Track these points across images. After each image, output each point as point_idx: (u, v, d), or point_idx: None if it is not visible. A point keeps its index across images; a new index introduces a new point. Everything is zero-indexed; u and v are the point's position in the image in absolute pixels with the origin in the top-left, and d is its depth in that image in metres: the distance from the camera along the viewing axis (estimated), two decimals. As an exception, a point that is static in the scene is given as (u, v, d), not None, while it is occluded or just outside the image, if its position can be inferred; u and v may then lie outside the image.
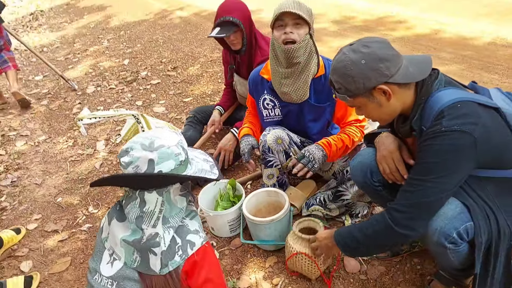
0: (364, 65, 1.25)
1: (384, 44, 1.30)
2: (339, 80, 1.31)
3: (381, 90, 1.27)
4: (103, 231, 1.26)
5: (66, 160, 3.07)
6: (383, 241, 1.36)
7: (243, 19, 2.33)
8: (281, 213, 1.85)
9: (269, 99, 2.04)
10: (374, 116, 1.38)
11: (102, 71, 4.68)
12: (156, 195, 1.15)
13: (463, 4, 5.11)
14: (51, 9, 8.43)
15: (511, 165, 1.35)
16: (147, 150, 1.11)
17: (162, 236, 1.14)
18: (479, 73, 3.33)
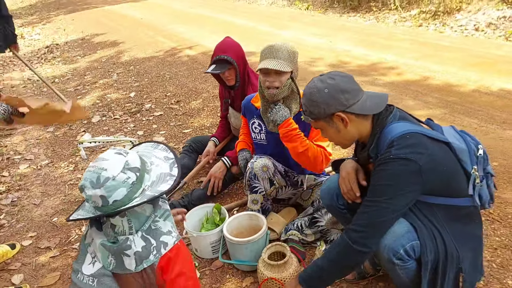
0: (326, 94, 1.45)
1: (347, 79, 1.50)
2: (306, 103, 1.52)
3: (339, 117, 1.46)
4: (87, 237, 1.40)
5: (65, 183, 3.24)
6: (344, 262, 1.48)
7: (237, 58, 2.57)
8: (256, 236, 1.99)
9: (257, 123, 2.25)
10: (333, 139, 1.58)
11: (109, 102, 4.94)
12: (119, 218, 1.28)
13: (455, 55, 5.39)
14: (66, 43, 8.88)
15: (459, 194, 1.51)
16: (95, 188, 1.20)
17: (132, 239, 1.28)
18: (460, 118, 3.52)
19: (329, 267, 1.49)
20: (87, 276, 1.32)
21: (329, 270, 1.49)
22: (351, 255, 1.44)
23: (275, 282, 1.84)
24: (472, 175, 1.53)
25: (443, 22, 7.48)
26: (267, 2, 12.58)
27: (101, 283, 1.30)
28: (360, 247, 1.40)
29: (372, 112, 1.51)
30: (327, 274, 1.51)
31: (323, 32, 7.52)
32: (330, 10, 10.12)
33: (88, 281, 1.32)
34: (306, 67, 5.44)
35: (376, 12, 8.97)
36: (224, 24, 9.13)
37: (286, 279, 1.84)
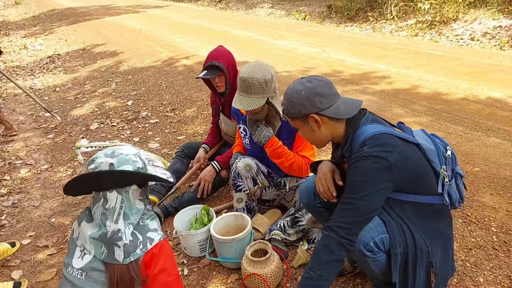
0: (303, 96, 1.57)
1: (324, 83, 1.62)
2: (285, 103, 1.64)
3: (313, 118, 1.58)
4: (74, 232, 1.51)
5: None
6: (333, 260, 1.49)
7: (228, 65, 2.69)
8: (241, 234, 2.10)
9: (243, 128, 2.39)
10: (309, 138, 1.70)
11: (107, 110, 5.07)
12: (115, 194, 1.40)
13: (447, 64, 5.53)
14: (67, 53, 9.06)
15: (428, 192, 1.61)
16: (108, 157, 1.39)
17: (123, 231, 1.39)
18: (446, 125, 3.63)
19: (319, 271, 1.49)
20: (76, 270, 1.42)
21: (320, 276, 1.49)
22: (341, 250, 1.47)
23: (257, 278, 1.95)
24: (441, 175, 1.64)
25: (439, 31, 7.62)
26: (265, 12, 12.79)
27: (89, 277, 1.40)
28: (347, 241, 1.46)
29: (344, 117, 1.62)
30: (318, 283, 1.49)
31: (319, 42, 7.68)
32: (327, 20, 10.31)
33: (77, 274, 1.41)
34: (299, 76, 5.56)
35: (372, 22, 9.14)
36: (222, 34, 9.31)
37: (267, 275, 1.94)
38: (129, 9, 16.29)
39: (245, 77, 2.06)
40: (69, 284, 1.42)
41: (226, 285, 2.10)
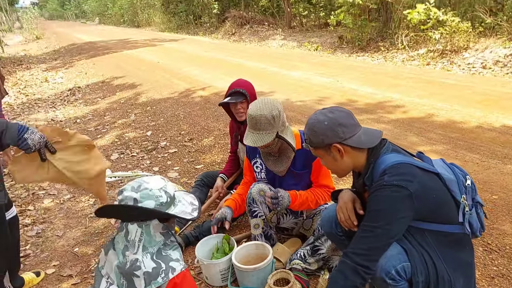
0: (326, 126, 1.64)
1: (345, 114, 1.69)
2: (307, 132, 1.70)
3: (336, 148, 1.64)
4: (100, 261, 1.57)
5: (86, 217, 3.43)
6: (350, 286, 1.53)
7: (250, 94, 2.81)
8: (263, 263, 2.13)
9: (259, 162, 2.44)
10: (331, 167, 1.75)
11: (127, 141, 5.21)
12: (136, 226, 1.46)
13: (460, 92, 5.58)
14: (87, 86, 9.37)
15: (449, 221, 1.64)
16: (134, 191, 1.46)
17: (141, 260, 1.43)
18: (462, 153, 3.65)
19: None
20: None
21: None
22: (356, 277, 1.52)
23: None
24: (461, 204, 1.66)
25: (451, 60, 7.71)
26: (277, 44, 13.10)
27: None
28: (364, 268, 1.51)
29: (366, 146, 1.67)
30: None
31: (331, 72, 7.82)
32: (339, 50, 10.51)
33: None
34: (313, 106, 5.67)
35: (384, 52, 9.29)
36: (236, 66, 9.55)
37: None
38: (146, 43, 16.84)
39: (253, 115, 2.14)
40: None
41: (248, 315, 2.12)
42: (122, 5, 31.70)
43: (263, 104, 2.17)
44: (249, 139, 2.18)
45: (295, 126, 4.75)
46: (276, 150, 2.29)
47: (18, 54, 17.68)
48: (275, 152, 2.31)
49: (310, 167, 2.35)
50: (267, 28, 15.62)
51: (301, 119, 5.08)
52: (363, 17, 10.05)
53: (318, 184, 2.38)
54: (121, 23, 33.09)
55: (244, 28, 16.18)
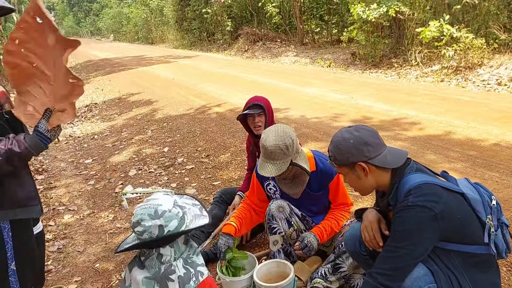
0: (351, 144, 1.66)
1: (372, 133, 1.71)
2: (332, 150, 1.72)
3: (361, 167, 1.66)
4: (126, 280, 1.62)
5: (106, 232, 3.48)
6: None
7: (268, 108, 2.87)
8: (285, 281, 2.13)
9: (272, 184, 2.47)
10: (354, 185, 1.75)
11: (144, 157, 5.28)
12: (169, 248, 1.53)
13: (476, 110, 5.56)
14: (104, 102, 9.54)
15: (475, 242, 1.63)
16: (155, 219, 1.47)
17: (175, 265, 1.51)
18: (481, 171, 3.63)
19: None
20: None
21: None
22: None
23: None
24: (487, 224, 1.66)
25: (465, 77, 7.69)
26: (290, 60, 13.21)
27: None
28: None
29: (391, 166, 1.69)
30: None
31: (345, 89, 7.86)
32: (352, 67, 10.56)
33: None
34: (329, 123, 5.69)
35: (397, 68, 9.31)
36: (250, 82, 9.65)
37: None
38: (160, 60, 17.13)
39: (266, 146, 2.15)
40: None
41: (270, 334, 2.11)
42: (137, 22, 32.37)
43: (277, 133, 2.17)
44: (264, 169, 2.20)
45: (311, 143, 4.77)
46: (291, 175, 2.31)
47: (36, 71, 18.09)
48: (289, 177, 2.32)
49: (326, 188, 2.38)
50: (280, 44, 15.78)
51: (317, 136, 5.10)
52: (376, 34, 10.11)
53: (336, 204, 2.40)
54: (135, 40, 33.75)
55: (257, 45, 16.37)
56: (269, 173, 2.17)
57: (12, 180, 1.84)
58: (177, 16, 23.14)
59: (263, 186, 2.55)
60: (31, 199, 1.91)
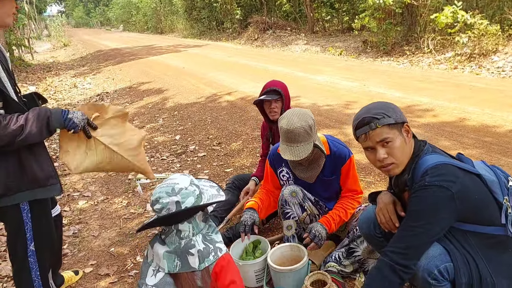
0: (396, 107, 1.65)
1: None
2: (380, 111, 1.60)
3: (406, 128, 1.63)
4: (148, 256, 1.67)
5: (120, 218, 3.52)
6: (387, 284, 1.55)
7: (285, 93, 2.85)
8: (299, 265, 2.14)
9: (285, 171, 2.46)
10: (397, 153, 1.61)
11: (156, 145, 5.31)
12: (187, 224, 1.57)
13: (491, 96, 5.47)
14: (115, 91, 9.59)
15: (491, 223, 1.62)
16: (172, 195, 1.52)
17: (195, 239, 1.55)
18: (497, 157, 3.58)
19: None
20: (151, 286, 1.56)
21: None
22: (393, 276, 1.53)
23: None
24: (504, 205, 1.64)
25: (479, 64, 7.57)
26: (300, 49, 13.11)
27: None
28: (402, 267, 1.52)
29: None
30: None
31: (357, 76, 7.79)
32: (363, 55, 10.45)
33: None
34: (341, 110, 5.66)
35: (409, 56, 9.19)
36: (261, 71, 9.61)
37: None
38: (170, 49, 17.13)
39: (289, 129, 2.10)
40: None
41: (285, 316, 2.13)
42: (146, 12, 32.33)
43: (297, 115, 2.14)
44: (289, 153, 2.14)
45: (323, 130, 4.75)
46: (310, 159, 2.26)
47: (47, 61, 18.27)
48: (306, 162, 2.28)
49: (338, 173, 2.37)
50: (290, 33, 15.66)
51: (329, 123, 5.07)
52: (387, 21, 9.96)
53: (346, 189, 2.39)
54: (145, 30, 33.75)
55: (266, 34, 16.27)
56: (294, 156, 2.11)
57: (31, 160, 1.86)
58: (186, 5, 23.05)
59: (277, 173, 2.55)
60: (51, 177, 1.93)
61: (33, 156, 1.87)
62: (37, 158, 1.89)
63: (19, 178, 1.84)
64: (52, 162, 2.03)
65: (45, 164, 1.92)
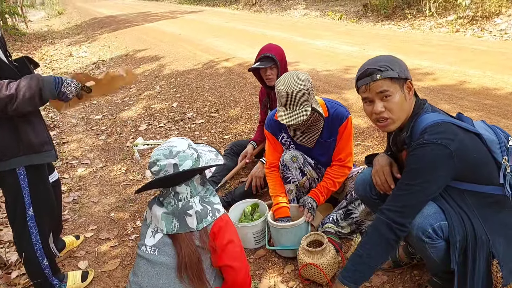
0: (402, 62, 1.60)
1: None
2: (385, 64, 1.56)
3: (409, 85, 1.59)
4: (147, 218, 1.68)
5: (119, 184, 3.53)
6: (383, 241, 1.55)
7: (280, 58, 2.78)
8: (300, 220, 2.16)
9: (286, 137, 2.43)
10: (396, 108, 1.58)
11: (154, 112, 5.28)
12: (184, 186, 1.57)
13: (492, 59, 5.39)
14: (111, 59, 9.44)
15: (489, 182, 1.61)
16: (169, 158, 1.52)
17: (193, 201, 1.55)
18: (496, 119, 3.56)
19: (368, 250, 1.56)
20: (149, 247, 1.58)
21: (368, 255, 1.56)
22: (389, 233, 1.53)
23: (314, 268, 2.00)
24: (502, 165, 1.62)
25: (481, 27, 7.42)
26: (300, 13, 12.83)
27: (161, 251, 1.55)
28: (398, 225, 1.52)
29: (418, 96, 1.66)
30: (366, 261, 1.56)
31: (357, 41, 7.65)
32: (364, 19, 10.23)
33: (151, 251, 1.57)
34: (340, 75, 5.59)
35: (411, 20, 9.00)
36: (259, 36, 9.43)
37: (324, 265, 1.99)
38: (166, 15, 16.76)
39: (287, 92, 2.06)
40: (144, 260, 1.57)
41: (283, 276, 2.17)
42: (141, -22, 31.38)
43: (294, 78, 2.09)
44: (287, 117, 2.09)
45: (321, 96, 4.69)
46: (308, 123, 2.22)
47: (42, 30, 17.92)
48: (304, 126, 2.25)
49: (336, 133, 2.33)
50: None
51: (328, 89, 5.02)
52: (389, -17, 9.69)
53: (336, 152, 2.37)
54: (140, -4, 32.88)
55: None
56: (292, 120, 2.08)
57: (26, 127, 1.85)
58: (182, -31, 22.37)
59: (279, 140, 2.52)
60: (45, 144, 1.93)
61: (28, 123, 1.87)
62: (32, 126, 1.89)
63: (14, 143, 1.83)
64: (47, 129, 2.02)
65: (40, 131, 1.92)
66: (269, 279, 2.16)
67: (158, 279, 1.53)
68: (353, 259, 1.61)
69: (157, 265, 1.54)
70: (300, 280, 2.11)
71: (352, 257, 1.62)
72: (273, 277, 2.17)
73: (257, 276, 2.20)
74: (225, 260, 1.56)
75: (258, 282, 2.14)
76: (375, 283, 2.01)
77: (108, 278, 2.39)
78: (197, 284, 1.53)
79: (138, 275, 1.57)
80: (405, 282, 1.99)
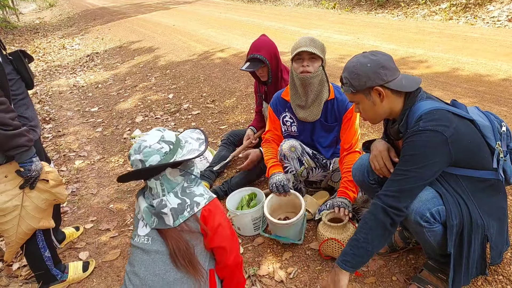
0: (368, 68, 1.62)
1: (388, 57, 1.67)
2: (347, 76, 1.67)
3: (377, 91, 1.63)
4: (136, 208, 1.69)
5: (117, 176, 3.55)
6: (379, 226, 1.58)
7: (270, 56, 2.77)
8: (296, 218, 2.18)
9: (289, 116, 2.46)
10: (367, 113, 1.72)
11: (149, 104, 5.28)
12: (154, 181, 1.55)
13: (485, 46, 5.42)
14: (105, 51, 9.38)
15: (483, 167, 1.65)
16: (136, 153, 1.51)
17: (165, 199, 1.54)
18: (489, 106, 3.60)
19: (365, 235, 1.59)
20: (143, 237, 1.60)
21: (365, 239, 1.58)
22: (385, 218, 1.56)
23: (335, 243, 2.03)
24: (496, 150, 1.67)
25: (474, 14, 7.44)
26: (293, 3, 12.78)
27: (155, 239, 1.57)
28: (394, 210, 1.55)
29: (407, 90, 1.66)
30: (363, 245, 1.59)
31: (351, 30, 7.65)
32: (357, 7, 10.22)
33: (144, 240, 1.59)
34: (335, 64, 5.60)
35: (404, 8, 9.00)
36: (252, 26, 9.40)
37: (344, 240, 2.01)
38: (159, 6, 16.63)
39: (307, 36, 2.24)
40: (139, 250, 1.59)
41: (281, 262, 2.21)
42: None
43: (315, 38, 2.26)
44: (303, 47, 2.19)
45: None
46: (317, 83, 2.26)
47: (34, 22, 17.72)
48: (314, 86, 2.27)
49: (340, 120, 2.37)
50: (282, -14, 15.16)
51: (323, 78, 5.04)
52: (383, -29, 9.67)
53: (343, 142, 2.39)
54: (132, -13, 32.51)
55: (258, -12, 15.75)
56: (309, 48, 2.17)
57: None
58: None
59: (281, 119, 2.55)
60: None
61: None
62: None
63: None
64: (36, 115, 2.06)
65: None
66: (268, 265, 2.21)
67: (155, 266, 1.56)
68: (350, 243, 1.64)
69: (151, 253, 1.56)
70: (301, 264, 2.15)
71: (350, 241, 1.65)
72: (271, 264, 2.21)
73: (256, 263, 2.24)
74: (217, 242, 1.58)
75: (257, 269, 2.19)
76: (372, 267, 2.06)
77: (109, 268, 2.42)
78: (190, 269, 1.55)
79: (134, 265, 1.59)
80: (401, 266, 2.04)
